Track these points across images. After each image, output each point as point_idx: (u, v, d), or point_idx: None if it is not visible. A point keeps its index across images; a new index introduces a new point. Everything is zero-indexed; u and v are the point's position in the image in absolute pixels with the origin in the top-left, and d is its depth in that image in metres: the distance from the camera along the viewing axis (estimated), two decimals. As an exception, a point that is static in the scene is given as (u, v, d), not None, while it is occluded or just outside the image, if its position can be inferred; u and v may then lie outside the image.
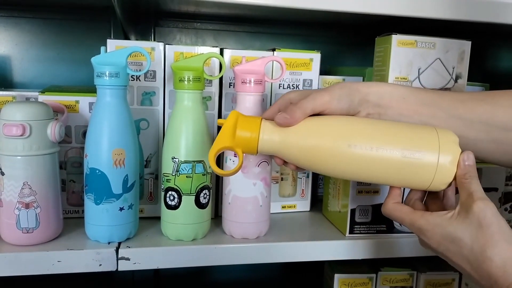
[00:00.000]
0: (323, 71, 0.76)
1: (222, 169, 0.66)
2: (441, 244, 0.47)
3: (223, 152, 0.66)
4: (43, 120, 0.58)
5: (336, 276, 0.81)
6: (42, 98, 0.65)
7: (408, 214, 0.50)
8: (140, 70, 0.65)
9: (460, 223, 0.46)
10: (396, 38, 0.67)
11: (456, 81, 0.71)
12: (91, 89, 0.67)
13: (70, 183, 0.68)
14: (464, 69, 0.72)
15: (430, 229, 0.48)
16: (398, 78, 0.68)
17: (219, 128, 0.66)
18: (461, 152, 0.50)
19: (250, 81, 0.62)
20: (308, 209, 0.79)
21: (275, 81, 0.68)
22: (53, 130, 0.58)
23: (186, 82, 0.60)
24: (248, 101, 0.63)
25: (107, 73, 0.58)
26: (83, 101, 0.66)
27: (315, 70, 0.74)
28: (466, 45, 0.71)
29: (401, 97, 0.53)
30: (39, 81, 0.88)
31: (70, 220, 0.67)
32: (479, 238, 0.44)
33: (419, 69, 0.69)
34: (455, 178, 0.49)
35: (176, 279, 1.00)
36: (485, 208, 0.45)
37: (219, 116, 0.71)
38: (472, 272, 0.45)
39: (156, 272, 0.98)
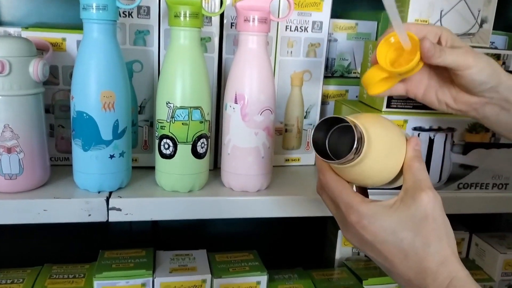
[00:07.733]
0: (334, 15, 0.70)
1: (222, 117, 0.61)
2: (378, 236, 0.42)
3: (222, 99, 0.61)
4: (25, 56, 0.53)
5: (340, 232, 0.78)
6: (26, 34, 0.59)
7: (348, 193, 0.44)
8: (132, 3, 0.59)
9: (404, 212, 0.41)
10: (418, -25, 0.60)
11: (481, 25, 0.65)
12: (80, 27, 0.61)
13: (58, 128, 0.64)
14: (490, 13, 0.65)
15: (370, 216, 0.42)
16: (418, 20, 0.62)
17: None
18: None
19: (254, 19, 0.56)
20: (313, 163, 0.75)
21: (282, 20, 0.62)
22: (35, 68, 0.53)
23: (182, 18, 0.54)
24: (251, 41, 0.57)
25: (94, 5, 0.52)
26: (70, 39, 0.61)
27: (326, 11, 0.67)
28: (495, -15, 0.64)
29: None
30: (27, 20, 0.82)
31: (60, 167, 0.63)
32: (423, 232, 0.41)
33: (441, 11, 0.63)
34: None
35: (175, 231, 0.97)
36: (434, 200, 0.41)
37: (219, 60, 0.65)
38: (405, 268, 0.41)
39: (155, 224, 0.96)
